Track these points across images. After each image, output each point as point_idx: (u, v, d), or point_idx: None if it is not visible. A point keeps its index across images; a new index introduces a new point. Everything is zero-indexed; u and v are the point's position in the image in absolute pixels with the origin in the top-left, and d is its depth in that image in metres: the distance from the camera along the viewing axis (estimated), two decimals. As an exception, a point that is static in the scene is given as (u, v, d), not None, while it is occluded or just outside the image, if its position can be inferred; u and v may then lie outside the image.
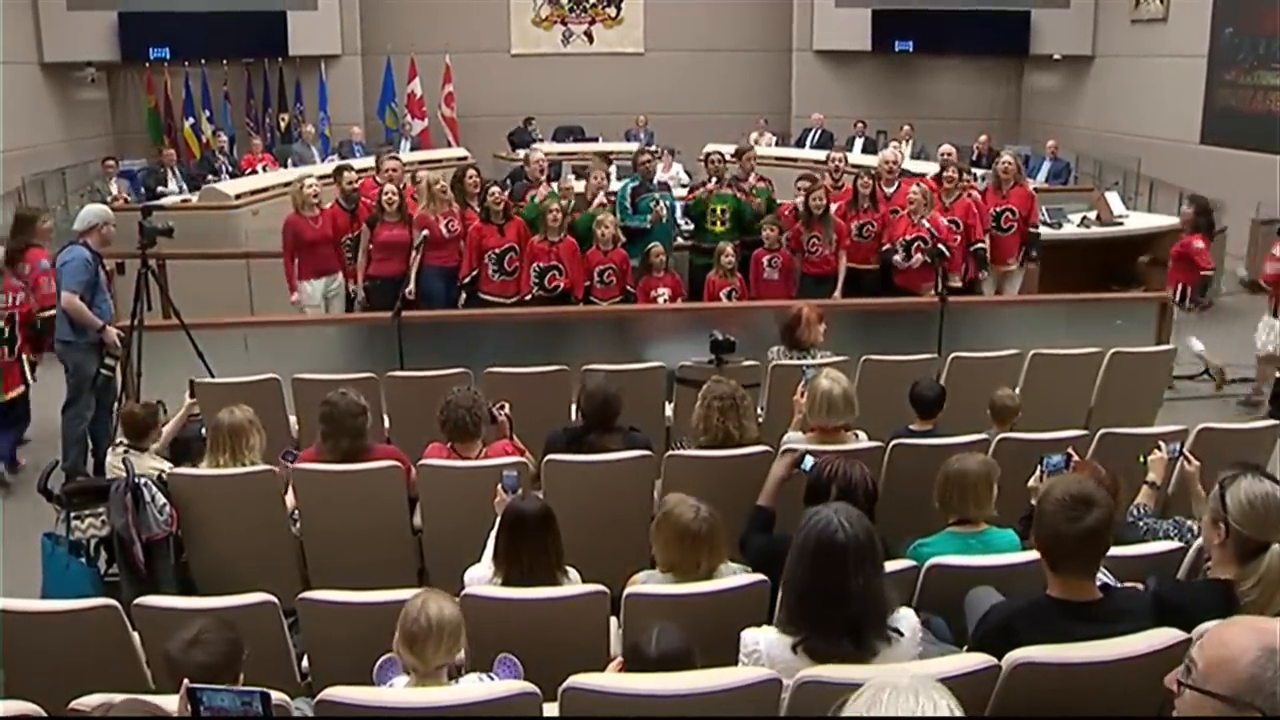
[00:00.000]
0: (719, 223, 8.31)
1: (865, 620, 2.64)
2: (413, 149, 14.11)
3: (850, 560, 2.63)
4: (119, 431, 5.20)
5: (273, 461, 4.60)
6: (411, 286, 7.63)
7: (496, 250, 7.70)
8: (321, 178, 8.74)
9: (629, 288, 7.80)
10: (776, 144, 14.86)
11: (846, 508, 2.78)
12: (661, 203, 8.29)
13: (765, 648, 2.69)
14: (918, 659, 2.72)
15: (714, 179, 8.51)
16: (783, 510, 3.79)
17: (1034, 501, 3.69)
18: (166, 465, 4.94)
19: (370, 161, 10.45)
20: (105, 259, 6.50)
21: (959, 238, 8.01)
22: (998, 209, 8.32)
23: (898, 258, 7.91)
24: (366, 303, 7.85)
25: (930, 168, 9.50)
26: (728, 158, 8.77)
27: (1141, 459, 4.07)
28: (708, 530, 3.33)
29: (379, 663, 2.99)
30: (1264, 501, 2.86)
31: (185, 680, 2.45)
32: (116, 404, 6.24)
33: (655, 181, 8.83)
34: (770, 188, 8.85)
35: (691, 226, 8.60)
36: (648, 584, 3.41)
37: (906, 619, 2.75)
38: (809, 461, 3.71)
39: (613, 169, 11.47)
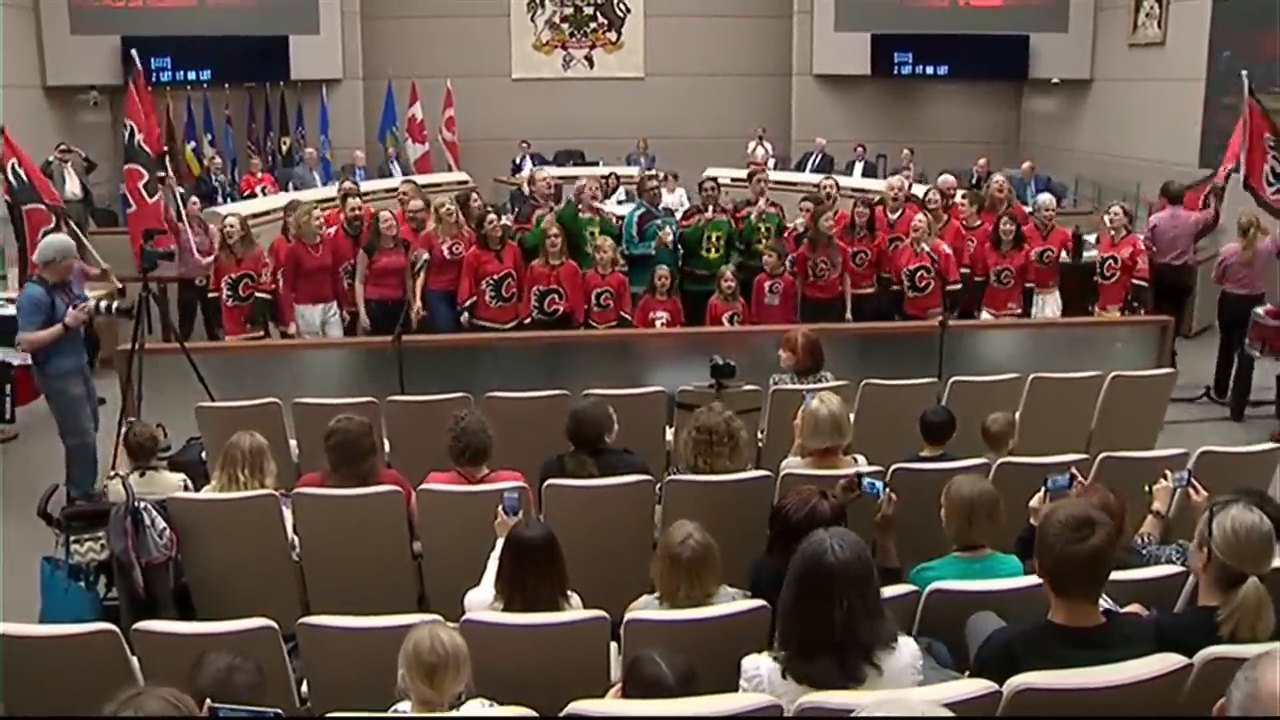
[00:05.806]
0: (713, 249, 8.37)
1: (848, 647, 2.60)
2: (414, 172, 14.13)
3: (836, 584, 2.61)
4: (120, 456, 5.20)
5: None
6: (419, 304, 7.65)
7: (495, 276, 7.73)
8: (322, 201, 8.78)
9: (624, 313, 7.81)
10: (776, 167, 14.89)
11: (845, 533, 2.77)
12: (667, 228, 8.39)
13: (766, 673, 2.68)
14: (918, 685, 2.71)
15: (709, 208, 8.60)
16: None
17: (1033, 522, 3.68)
18: (180, 477, 4.96)
19: (374, 185, 10.47)
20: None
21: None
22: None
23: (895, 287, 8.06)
24: (370, 326, 7.80)
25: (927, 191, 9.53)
26: (722, 183, 8.81)
27: (1146, 487, 4.03)
28: (689, 557, 3.26)
29: None
30: (1248, 532, 2.84)
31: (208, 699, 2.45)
32: (118, 428, 6.24)
33: (660, 207, 8.90)
34: (781, 214, 8.91)
35: (682, 251, 8.63)
36: (645, 609, 3.39)
37: (906, 647, 2.71)
38: (871, 485, 3.67)
39: (619, 192, 11.53)
